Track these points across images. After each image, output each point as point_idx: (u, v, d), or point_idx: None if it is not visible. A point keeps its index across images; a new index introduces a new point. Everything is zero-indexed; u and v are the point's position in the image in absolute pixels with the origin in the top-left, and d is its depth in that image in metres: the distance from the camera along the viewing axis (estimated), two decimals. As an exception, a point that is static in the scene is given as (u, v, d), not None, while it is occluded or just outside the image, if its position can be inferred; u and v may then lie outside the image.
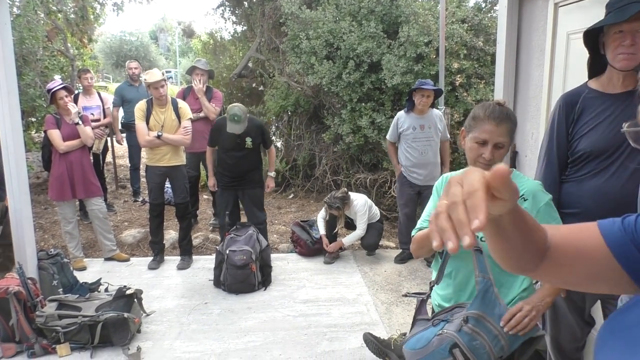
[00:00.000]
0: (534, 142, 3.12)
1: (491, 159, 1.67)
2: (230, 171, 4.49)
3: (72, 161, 4.42)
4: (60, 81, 4.85)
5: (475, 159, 1.70)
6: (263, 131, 4.57)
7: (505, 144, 1.68)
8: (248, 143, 4.41)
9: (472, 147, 1.72)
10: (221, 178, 4.58)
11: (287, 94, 7.04)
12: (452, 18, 5.94)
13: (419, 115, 4.47)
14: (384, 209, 5.92)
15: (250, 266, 4.05)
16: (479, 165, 1.70)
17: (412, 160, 4.53)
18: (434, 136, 4.54)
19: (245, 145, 4.41)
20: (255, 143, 4.46)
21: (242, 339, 3.34)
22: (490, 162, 1.67)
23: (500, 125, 1.66)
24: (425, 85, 4.35)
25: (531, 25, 3.19)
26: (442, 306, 1.86)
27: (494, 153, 1.67)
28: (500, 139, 1.66)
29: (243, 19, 8.74)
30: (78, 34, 8.06)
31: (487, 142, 1.67)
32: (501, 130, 1.66)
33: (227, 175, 4.52)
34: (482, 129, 1.67)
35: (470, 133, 1.73)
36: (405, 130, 4.50)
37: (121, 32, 30.27)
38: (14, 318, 3.10)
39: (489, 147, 1.66)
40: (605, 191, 1.89)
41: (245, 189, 4.55)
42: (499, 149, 1.68)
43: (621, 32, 1.77)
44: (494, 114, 1.68)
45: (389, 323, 3.57)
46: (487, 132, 1.66)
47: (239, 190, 4.58)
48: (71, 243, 4.63)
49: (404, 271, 4.56)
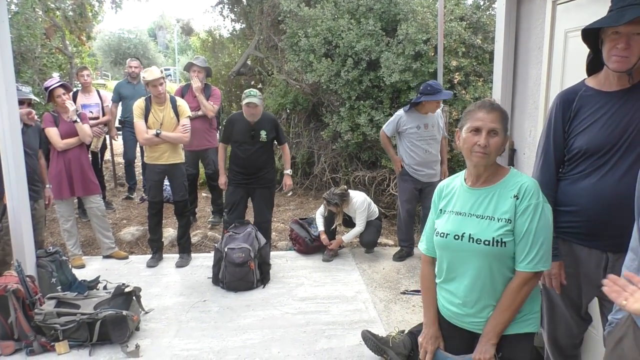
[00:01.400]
0: (531, 140, 3.13)
1: (486, 145, 1.70)
2: (243, 167, 4.45)
3: (70, 159, 4.42)
4: (58, 79, 4.85)
5: (471, 148, 1.74)
6: (277, 126, 4.57)
7: (499, 131, 1.72)
8: (262, 136, 4.40)
9: (466, 138, 1.76)
10: (234, 175, 4.54)
11: (285, 92, 7.04)
12: (451, 16, 5.94)
13: (423, 115, 4.47)
14: (382, 206, 5.92)
15: (249, 264, 4.05)
16: (475, 155, 1.73)
17: (416, 159, 4.52)
18: (437, 134, 4.55)
19: (260, 139, 4.40)
20: (269, 137, 4.45)
21: (241, 336, 3.35)
22: (487, 150, 1.70)
23: (491, 113, 1.72)
24: (440, 96, 4.32)
25: (529, 23, 3.19)
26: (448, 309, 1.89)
27: (489, 140, 1.70)
28: (493, 125, 1.71)
29: (242, 17, 8.73)
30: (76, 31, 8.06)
31: (480, 129, 1.72)
32: (493, 117, 1.71)
33: (240, 172, 4.48)
34: (475, 118, 1.73)
35: (464, 126, 1.78)
36: (408, 129, 4.48)
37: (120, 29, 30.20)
38: (13, 316, 3.10)
39: (483, 133, 1.71)
40: (600, 189, 1.90)
41: (258, 187, 4.54)
42: (493, 137, 1.71)
43: (618, 34, 1.77)
44: (484, 104, 1.76)
45: (387, 320, 3.58)
46: (480, 120, 1.72)
47: (251, 188, 4.56)
48: (70, 241, 4.64)
49: (402, 269, 4.57)
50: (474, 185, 1.81)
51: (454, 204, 1.85)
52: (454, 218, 1.82)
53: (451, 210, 1.84)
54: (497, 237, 1.69)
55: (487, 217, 1.73)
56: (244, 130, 4.40)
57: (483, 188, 1.78)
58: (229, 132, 4.50)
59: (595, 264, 1.96)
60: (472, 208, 1.78)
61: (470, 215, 1.77)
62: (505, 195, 1.73)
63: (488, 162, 1.74)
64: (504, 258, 1.71)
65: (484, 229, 1.72)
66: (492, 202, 1.74)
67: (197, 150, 5.45)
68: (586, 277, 2.01)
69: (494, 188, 1.76)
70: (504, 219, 1.70)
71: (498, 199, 1.74)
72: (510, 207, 1.70)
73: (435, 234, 1.86)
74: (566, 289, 2.08)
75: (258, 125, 4.40)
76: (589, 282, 2.00)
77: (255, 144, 4.42)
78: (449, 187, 1.92)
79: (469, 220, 1.76)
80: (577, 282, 2.06)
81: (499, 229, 1.69)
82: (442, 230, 1.83)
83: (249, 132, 4.39)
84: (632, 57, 1.76)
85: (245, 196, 4.61)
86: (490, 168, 1.78)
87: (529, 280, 1.70)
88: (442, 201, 1.92)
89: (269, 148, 4.57)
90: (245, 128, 4.39)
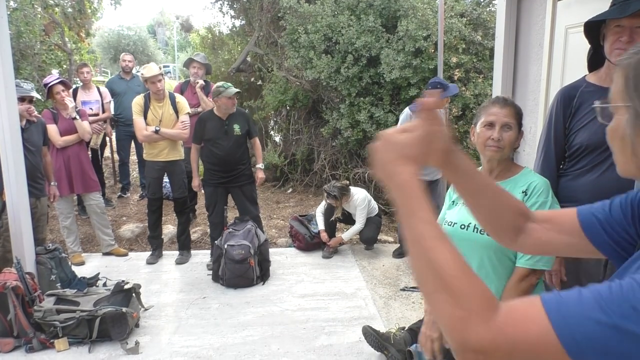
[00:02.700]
0: (532, 137, 3.12)
1: (500, 139, 1.71)
2: (220, 165, 4.36)
3: (69, 156, 4.42)
4: (57, 75, 4.83)
5: (485, 142, 1.75)
6: (249, 119, 4.54)
7: (513, 126, 1.73)
8: (236, 130, 4.36)
9: (480, 132, 1.77)
10: (211, 175, 4.44)
11: (285, 89, 7.03)
12: (451, 12, 5.92)
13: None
14: (382, 203, 5.92)
15: (248, 261, 4.05)
16: (488, 149, 1.75)
17: None
18: None
19: (234, 133, 4.35)
20: (242, 130, 4.40)
21: (241, 333, 3.35)
22: (500, 144, 1.72)
23: (504, 107, 1.74)
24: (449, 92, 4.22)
25: (530, 20, 3.18)
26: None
27: (502, 134, 1.72)
28: (507, 120, 1.73)
29: (241, 13, 8.70)
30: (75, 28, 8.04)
31: (494, 123, 1.73)
32: (506, 112, 1.73)
33: (218, 171, 4.39)
34: (489, 113, 1.75)
35: (479, 122, 1.79)
36: None
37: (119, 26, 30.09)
38: (12, 313, 3.10)
39: (497, 127, 1.72)
40: (600, 185, 1.89)
41: (237, 185, 4.48)
42: (506, 131, 1.73)
43: (621, 27, 1.77)
44: (498, 99, 1.78)
45: (386, 317, 3.58)
46: (494, 114, 1.74)
47: (230, 187, 4.49)
48: (69, 238, 4.63)
49: (402, 265, 4.57)
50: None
51: None
52: (464, 209, 1.83)
53: (463, 202, 1.85)
54: None
55: None
56: (216, 126, 4.32)
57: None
58: (201, 131, 4.36)
59: (596, 261, 1.96)
60: None
61: None
62: (514, 191, 1.73)
63: (502, 157, 1.76)
64: (505, 251, 1.71)
65: None
66: None
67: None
68: (587, 274, 2.01)
69: (505, 184, 1.77)
70: None
71: None
72: None
73: (444, 223, 1.88)
74: (567, 286, 2.08)
75: (230, 120, 4.34)
76: (590, 279, 2.00)
77: (229, 139, 4.34)
78: None
79: None
80: (577, 278, 2.05)
81: None
82: (450, 220, 1.86)
83: (222, 127, 4.33)
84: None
85: (225, 195, 4.53)
86: (503, 163, 1.79)
87: (526, 276, 1.70)
88: (455, 193, 1.92)
89: (243, 142, 4.49)
90: (217, 124, 4.32)
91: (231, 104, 4.29)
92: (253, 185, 4.62)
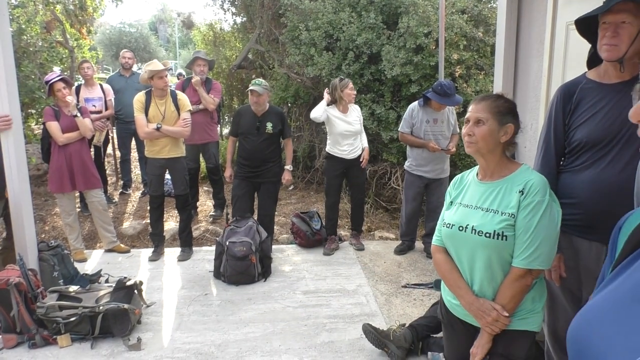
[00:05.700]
0: (533, 133, 3.12)
1: (471, 134, 1.75)
2: (249, 160, 4.47)
3: (71, 153, 4.42)
4: (58, 73, 4.83)
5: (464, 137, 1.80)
6: (283, 119, 4.60)
7: (485, 120, 1.74)
8: (268, 128, 4.42)
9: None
10: (240, 168, 4.56)
11: (286, 86, 7.03)
12: (452, 9, 5.91)
13: (435, 110, 4.44)
14: (383, 200, 5.93)
15: (250, 257, 4.06)
16: (465, 145, 1.80)
17: (422, 154, 4.50)
18: (445, 130, 4.49)
19: (266, 130, 4.42)
20: (275, 129, 4.46)
21: (242, 329, 3.36)
22: (472, 139, 1.75)
23: (480, 103, 1.77)
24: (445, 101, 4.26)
25: (531, 16, 3.18)
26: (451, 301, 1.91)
27: (474, 129, 1.75)
28: (478, 115, 1.75)
29: (242, 10, 8.70)
30: (77, 25, 8.03)
31: (468, 119, 1.78)
32: (480, 107, 1.75)
33: (246, 165, 4.50)
34: (468, 111, 1.80)
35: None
36: (416, 123, 4.46)
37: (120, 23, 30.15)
38: (15, 309, 3.11)
39: (470, 123, 1.76)
40: (600, 181, 1.90)
41: (263, 181, 4.55)
42: (478, 126, 1.74)
43: (607, 24, 1.80)
44: (479, 96, 1.82)
45: (388, 314, 3.58)
46: (469, 111, 1.78)
47: (257, 182, 4.57)
48: (71, 235, 4.65)
49: (403, 262, 4.58)
50: (484, 179, 1.83)
51: (464, 197, 1.87)
52: (461, 210, 1.84)
53: (460, 202, 1.87)
54: (498, 230, 1.69)
55: (491, 210, 1.74)
56: (250, 121, 4.44)
57: (492, 182, 1.79)
58: (236, 125, 4.54)
59: (596, 257, 1.96)
60: (479, 201, 1.79)
61: (476, 208, 1.79)
62: (511, 190, 1.73)
63: (477, 151, 1.77)
64: (503, 252, 1.71)
65: (487, 222, 1.72)
66: (499, 196, 1.75)
67: (198, 144, 5.45)
68: (586, 270, 2.01)
69: (502, 182, 1.77)
70: (508, 213, 1.70)
71: (504, 193, 1.74)
72: (515, 202, 1.70)
73: (443, 225, 1.88)
74: (566, 282, 2.08)
75: (264, 117, 4.42)
76: (590, 275, 2.00)
77: (260, 135, 4.43)
78: (464, 180, 1.94)
79: (475, 213, 1.78)
80: (577, 275, 2.06)
81: (501, 222, 1.70)
82: (448, 221, 1.86)
83: (254, 123, 4.42)
84: (621, 45, 1.78)
85: (251, 190, 4.62)
86: (497, 161, 1.78)
87: (522, 276, 1.69)
88: (454, 192, 1.93)
89: (275, 141, 4.57)
90: (251, 119, 4.43)
91: (252, 101, 4.37)
92: (278, 184, 4.67)
